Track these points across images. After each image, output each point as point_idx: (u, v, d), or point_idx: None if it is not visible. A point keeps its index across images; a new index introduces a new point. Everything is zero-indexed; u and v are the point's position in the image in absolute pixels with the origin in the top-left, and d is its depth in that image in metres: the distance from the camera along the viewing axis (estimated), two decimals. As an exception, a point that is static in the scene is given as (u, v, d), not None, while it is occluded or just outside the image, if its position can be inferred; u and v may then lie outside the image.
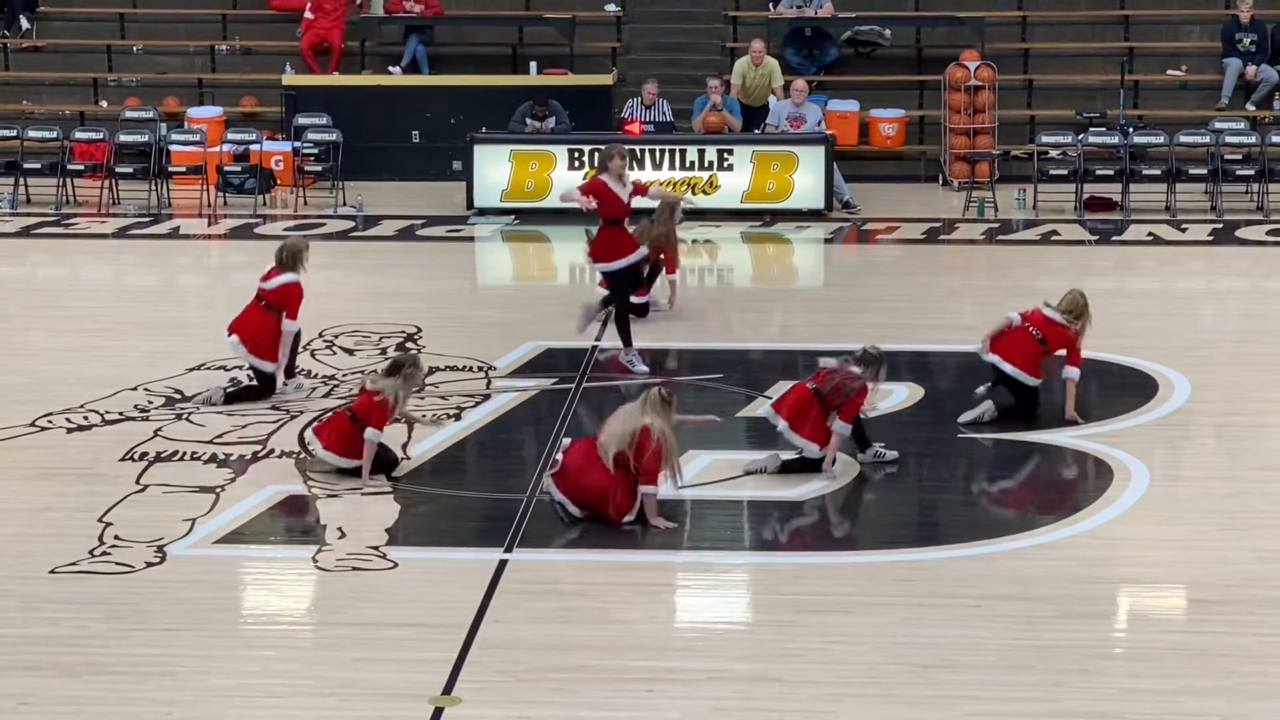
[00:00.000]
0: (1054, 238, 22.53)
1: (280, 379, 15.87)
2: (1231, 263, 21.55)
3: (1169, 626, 11.70)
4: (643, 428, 12.69)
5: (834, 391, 13.85)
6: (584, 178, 17.73)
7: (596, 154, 20.93)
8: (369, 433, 13.67)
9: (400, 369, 13.88)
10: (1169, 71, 26.44)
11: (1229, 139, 23.90)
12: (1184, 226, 22.88)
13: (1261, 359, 16.64)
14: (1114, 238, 22.52)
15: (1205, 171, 23.80)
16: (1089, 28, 27.05)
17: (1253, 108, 25.43)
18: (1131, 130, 24.09)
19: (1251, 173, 23.77)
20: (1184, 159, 23.93)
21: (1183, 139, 23.94)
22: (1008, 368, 15.06)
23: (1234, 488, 13.92)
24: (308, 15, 26.69)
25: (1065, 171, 23.89)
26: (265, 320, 15.87)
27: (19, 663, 11.02)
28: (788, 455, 14.16)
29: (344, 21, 26.67)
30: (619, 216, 16.91)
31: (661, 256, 18.47)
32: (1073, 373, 15.13)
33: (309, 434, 14.43)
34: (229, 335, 15.87)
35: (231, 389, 15.91)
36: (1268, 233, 22.54)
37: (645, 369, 16.55)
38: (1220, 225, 22.89)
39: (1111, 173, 23.84)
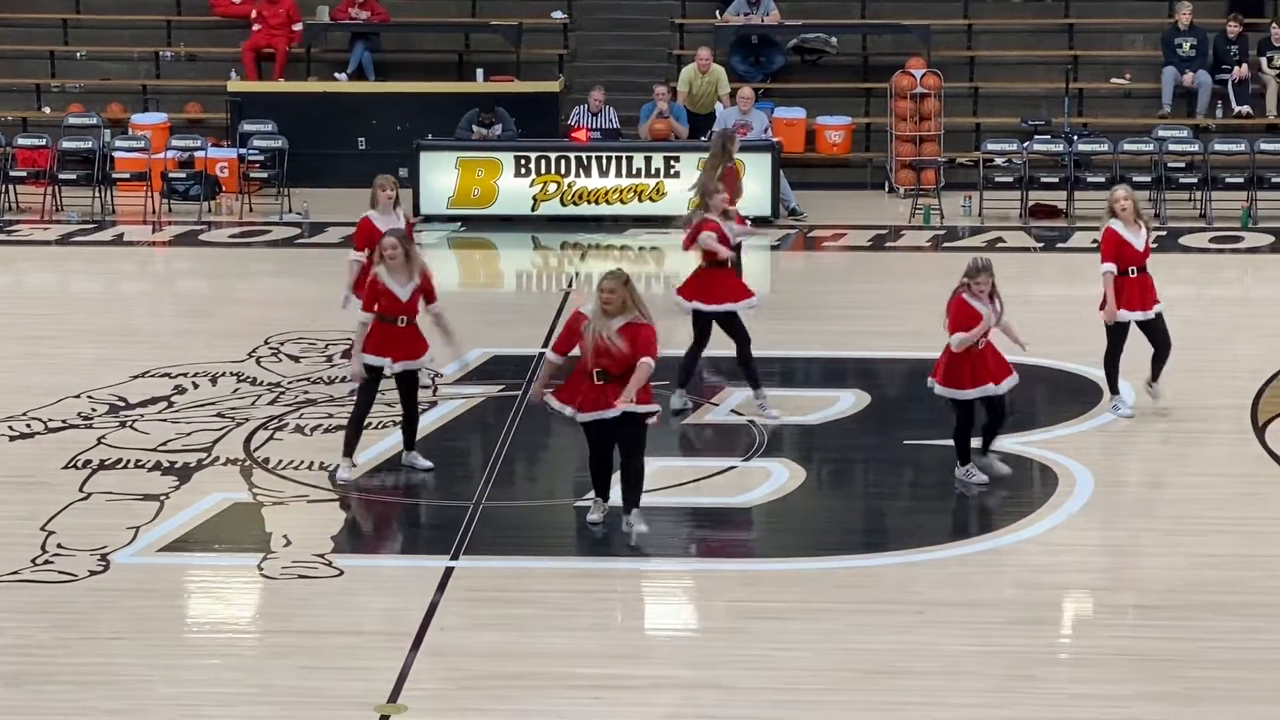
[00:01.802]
0: (999, 245, 22.61)
1: None
2: (1175, 270, 21.61)
3: (1114, 632, 11.73)
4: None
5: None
6: (688, 222, 16.09)
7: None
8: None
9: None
10: (1113, 80, 26.56)
11: (1172, 147, 24.02)
12: (1128, 234, 22.98)
13: (1204, 366, 16.71)
14: (1059, 245, 22.62)
15: (1149, 179, 23.90)
16: (1034, 36, 27.16)
17: (1202, 116, 25.54)
18: (1076, 138, 24.19)
19: (1195, 180, 23.91)
20: (1128, 166, 24.04)
21: (1126, 147, 24.06)
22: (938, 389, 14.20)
23: (1178, 493, 14.00)
24: (253, 15, 26.62)
25: (1010, 179, 23.99)
26: None
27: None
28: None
29: (289, 29, 26.58)
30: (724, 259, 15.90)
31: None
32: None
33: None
34: None
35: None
36: (1210, 240, 22.67)
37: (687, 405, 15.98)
38: (1164, 232, 22.98)
39: (1056, 180, 23.94)
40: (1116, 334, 15.43)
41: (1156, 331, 15.45)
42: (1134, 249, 15.27)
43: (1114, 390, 15.59)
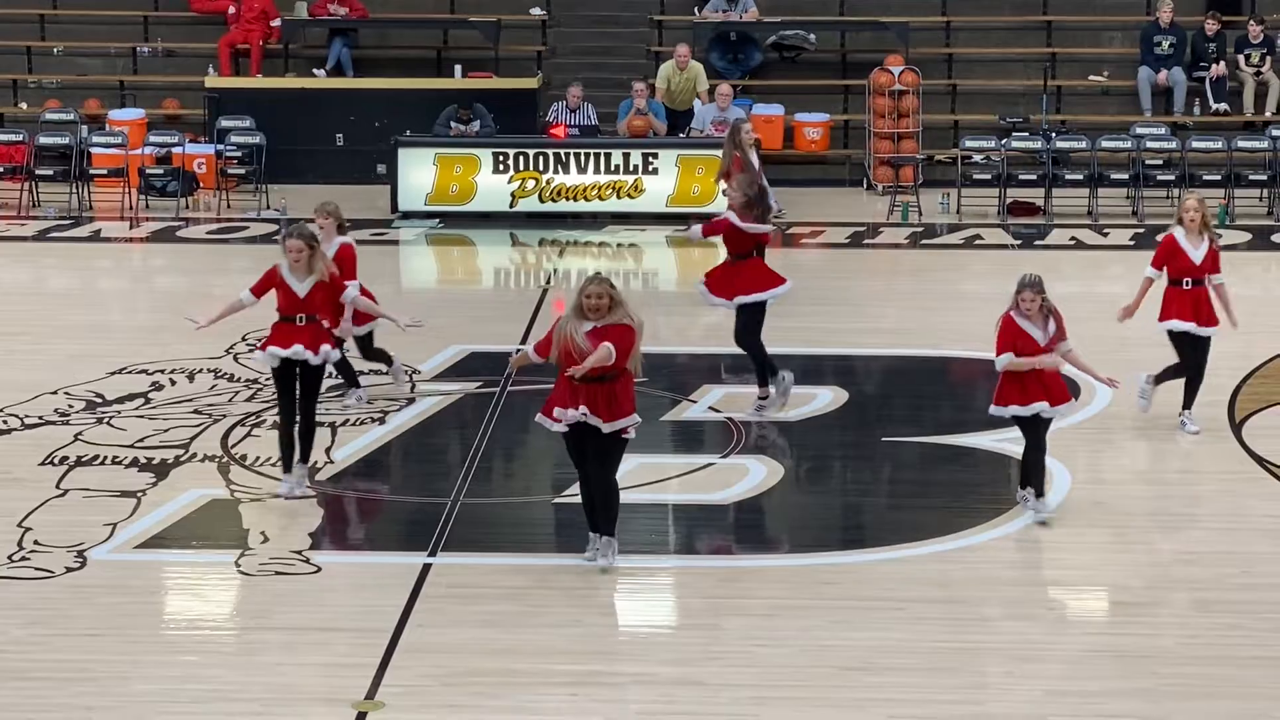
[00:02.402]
0: (977, 242, 22.65)
1: None
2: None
3: (1091, 628, 11.77)
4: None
5: None
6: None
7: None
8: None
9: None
10: (1091, 77, 26.61)
11: (1150, 144, 24.08)
12: (1106, 231, 23.05)
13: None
14: (1037, 242, 22.66)
15: (1127, 176, 23.96)
16: (1012, 33, 27.20)
17: (1180, 114, 25.58)
18: (1054, 135, 24.24)
19: (1172, 178, 23.96)
20: (1106, 164, 24.09)
21: (1105, 144, 24.10)
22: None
23: (1155, 490, 14.04)
24: (231, 11, 26.61)
25: (989, 176, 24.02)
26: None
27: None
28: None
29: (266, 25, 26.53)
30: (745, 250, 15.70)
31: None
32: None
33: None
34: None
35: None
36: (1189, 237, 22.70)
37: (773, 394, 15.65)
38: (1142, 230, 23.05)
39: (1034, 177, 23.99)
40: (1177, 348, 15.13)
41: (1197, 352, 15.03)
42: (1190, 260, 14.92)
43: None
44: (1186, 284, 14.92)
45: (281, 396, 13.54)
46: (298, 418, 13.55)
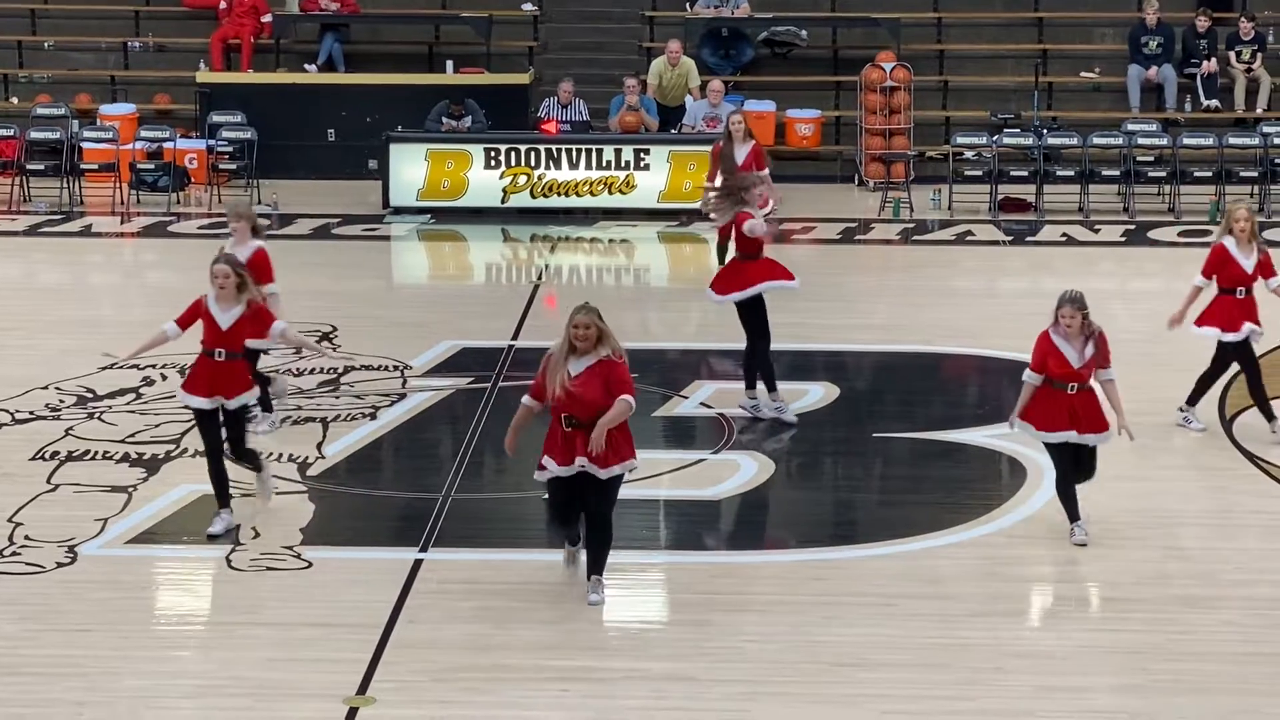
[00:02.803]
0: (969, 238, 22.66)
1: None
2: (1143, 264, 21.73)
3: (1081, 625, 11.77)
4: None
5: None
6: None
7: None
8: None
9: None
10: (1082, 74, 26.63)
11: (1141, 141, 24.09)
12: (1097, 227, 23.06)
13: (1172, 359, 16.73)
14: (1028, 238, 22.67)
15: (1118, 173, 23.98)
16: (1003, 30, 27.22)
17: (1172, 110, 25.59)
18: (1045, 132, 24.25)
19: (1163, 174, 23.98)
20: (1097, 160, 24.11)
21: (1096, 140, 24.12)
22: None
23: (1145, 487, 14.03)
24: (222, 7, 26.60)
25: (980, 172, 24.03)
26: None
27: None
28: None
29: (257, 20, 26.50)
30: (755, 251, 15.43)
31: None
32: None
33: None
34: None
35: None
36: (1179, 234, 22.73)
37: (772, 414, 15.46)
38: (1132, 226, 23.07)
39: (1026, 174, 23.99)
40: (1216, 359, 15.14)
41: (1246, 354, 15.00)
42: (1241, 269, 14.84)
43: (1268, 417, 15.00)
44: (1241, 293, 14.85)
45: (204, 435, 12.90)
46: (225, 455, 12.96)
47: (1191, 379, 15.26)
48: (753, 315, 15.35)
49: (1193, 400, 15.20)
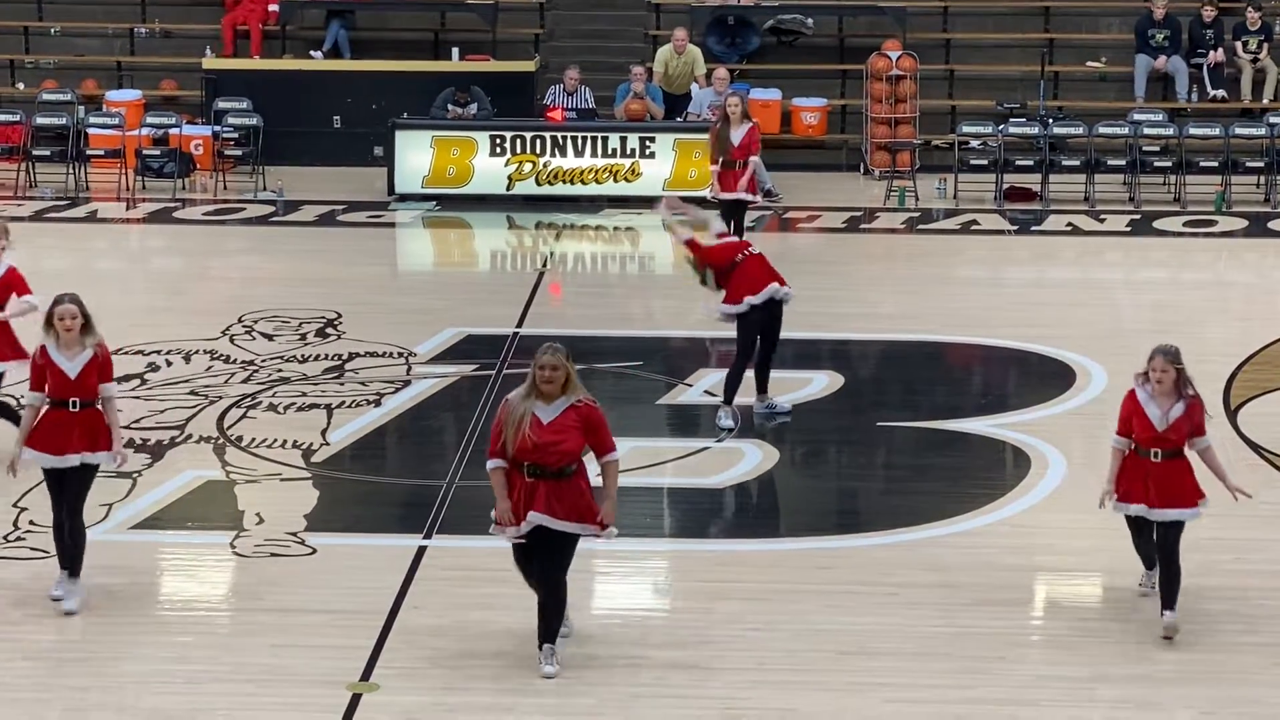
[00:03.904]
0: (974, 227, 22.65)
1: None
2: (1149, 253, 21.72)
3: (1084, 614, 11.78)
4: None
5: None
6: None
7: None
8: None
9: None
10: (1088, 63, 26.59)
11: (1147, 131, 24.05)
12: (1102, 217, 23.04)
13: (1181, 346, 16.79)
14: (1033, 228, 22.66)
15: (1124, 163, 23.96)
16: (1010, 19, 27.19)
17: (1182, 100, 25.54)
18: (1051, 121, 24.22)
19: (1169, 164, 23.94)
20: (1103, 150, 24.09)
21: (1102, 130, 24.09)
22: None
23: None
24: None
25: (985, 161, 24.00)
26: None
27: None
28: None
29: (264, 7, 26.50)
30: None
31: None
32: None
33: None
34: None
35: None
36: (1184, 224, 22.72)
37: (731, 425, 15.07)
38: (1138, 216, 23.06)
39: (1031, 163, 23.97)
40: None
41: None
42: None
43: None
44: None
45: (54, 495, 11.47)
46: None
47: (1203, 369, 15.21)
48: (758, 326, 15.10)
49: None
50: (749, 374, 15.20)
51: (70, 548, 11.39)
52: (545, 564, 10.49)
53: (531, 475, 10.32)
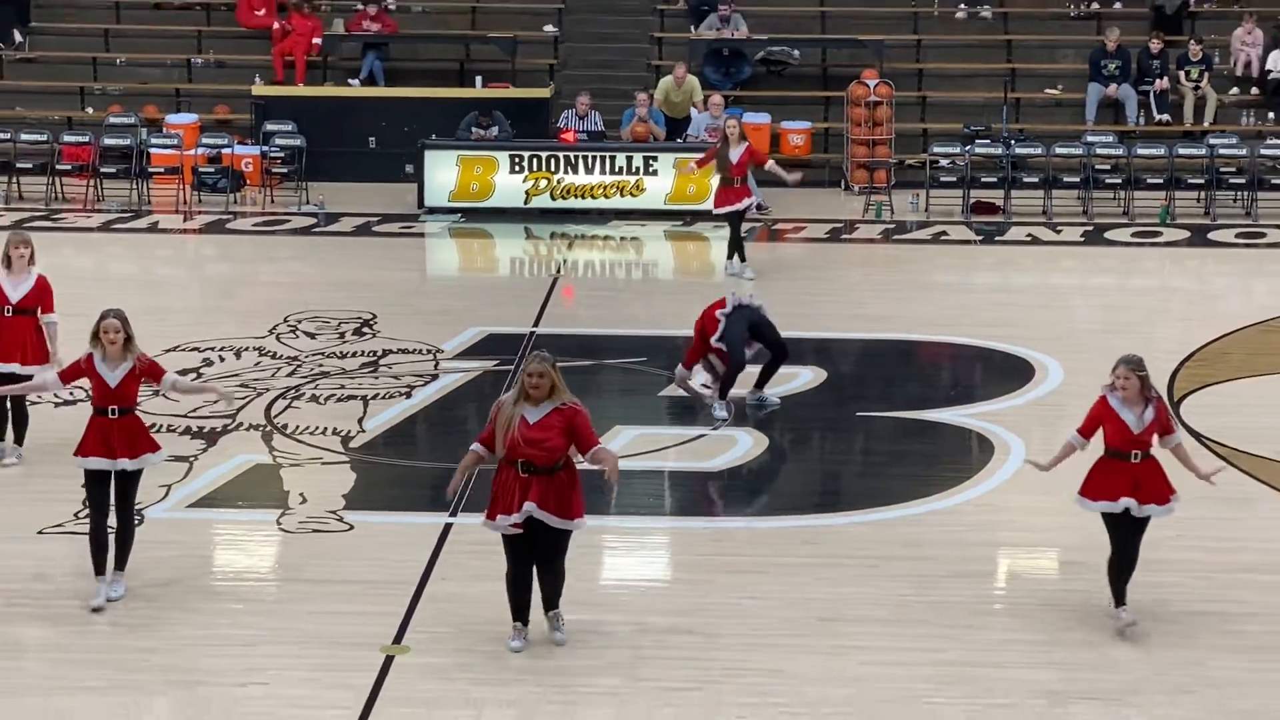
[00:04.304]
0: (943, 237, 22.62)
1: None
2: (1100, 261, 21.68)
3: (1043, 584, 11.77)
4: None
5: None
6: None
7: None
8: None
9: None
10: (1046, 90, 26.55)
11: (1099, 151, 24.03)
12: (1059, 228, 23.01)
13: (1126, 347, 16.62)
14: (997, 238, 22.62)
15: (1078, 180, 23.92)
16: (976, 50, 27.15)
17: (1132, 123, 25.49)
18: (1013, 142, 24.18)
19: (1119, 181, 23.91)
20: (1059, 168, 24.04)
21: (1058, 150, 24.05)
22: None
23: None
24: (276, 28, 26.57)
25: (954, 179, 23.98)
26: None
27: (14, 614, 10.95)
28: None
29: (309, 40, 26.48)
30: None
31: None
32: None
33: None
34: None
35: None
36: (1132, 235, 22.69)
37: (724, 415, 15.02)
38: (1091, 228, 23.02)
39: (995, 180, 23.93)
40: None
41: None
42: None
43: None
44: None
45: (94, 501, 11.20)
46: (111, 521, 11.21)
47: (1149, 365, 15.18)
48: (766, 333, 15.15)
49: None
50: (752, 367, 15.18)
51: (116, 547, 11.14)
52: (544, 551, 10.41)
53: (525, 471, 10.24)
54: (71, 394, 15.18)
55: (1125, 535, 10.68)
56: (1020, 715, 9.77)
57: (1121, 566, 10.71)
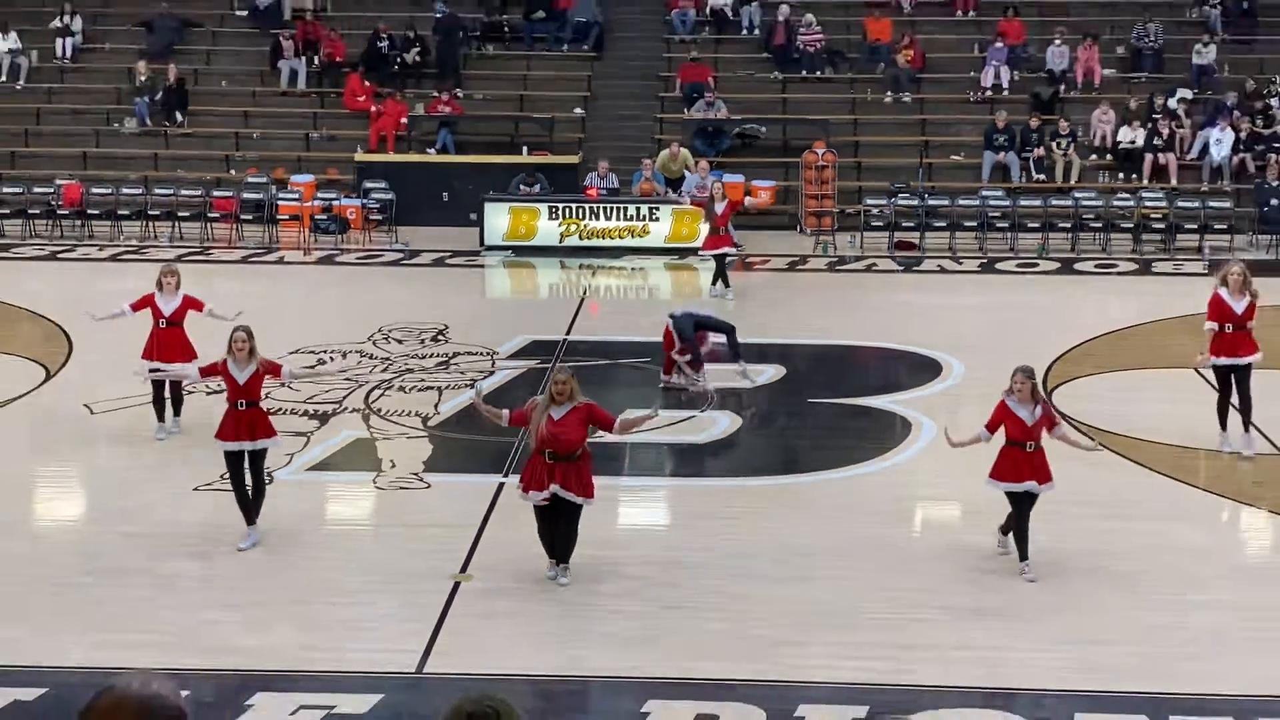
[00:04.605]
0: (874, 268, 22.58)
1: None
2: (992, 285, 21.64)
3: (952, 529, 11.77)
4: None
5: None
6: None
7: (577, 208, 20.09)
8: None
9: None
10: (951, 156, 26.47)
11: (991, 202, 23.99)
12: (961, 261, 22.97)
13: (1010, 350, 16.68)
14: (914, 268, 22.58)
15: (976, 224, 23.88)
16: (898, 126, 27.08)
17: (1017, 182, 25.46)
18: (926, 196, 24.15)
19: (1006, 225, 23.88)
20: (961, 216, 24.00)
21: (960, 202, 24.02)
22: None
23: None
24: (373, 110, 26.57)
25: (882, 223, 23.94)
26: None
27: (172, 553, 10.97)
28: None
29: (398, 120, 26.48)
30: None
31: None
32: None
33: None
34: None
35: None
36: (1016, 266, 22.64)
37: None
38: (985, 260, 22.98)
39: (913, 224, 23.91)
40: (1220, 378, 13.21)
41: (1242, 382, 12.99)
42: (1233, 311, 12.93)
43: (1222, 428, 13.20)
44: (1228, 328, 12.96)
45: (234, 472, 11.14)
46: (248, 484, 11.17)
47: (1029, 352, 15.22)
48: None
49: (1245, 427, 13.14)
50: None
51: (251, 504, 11.07)
52: (564, 520, 10.37)
53: (551, 459, 10.23)
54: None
55: (1023, 507, 10.56)
56: (933, 627, 9.77)
57: (1022, 530, 10.59)
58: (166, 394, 13.76)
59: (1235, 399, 13.18)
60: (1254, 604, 10.16)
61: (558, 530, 10.40)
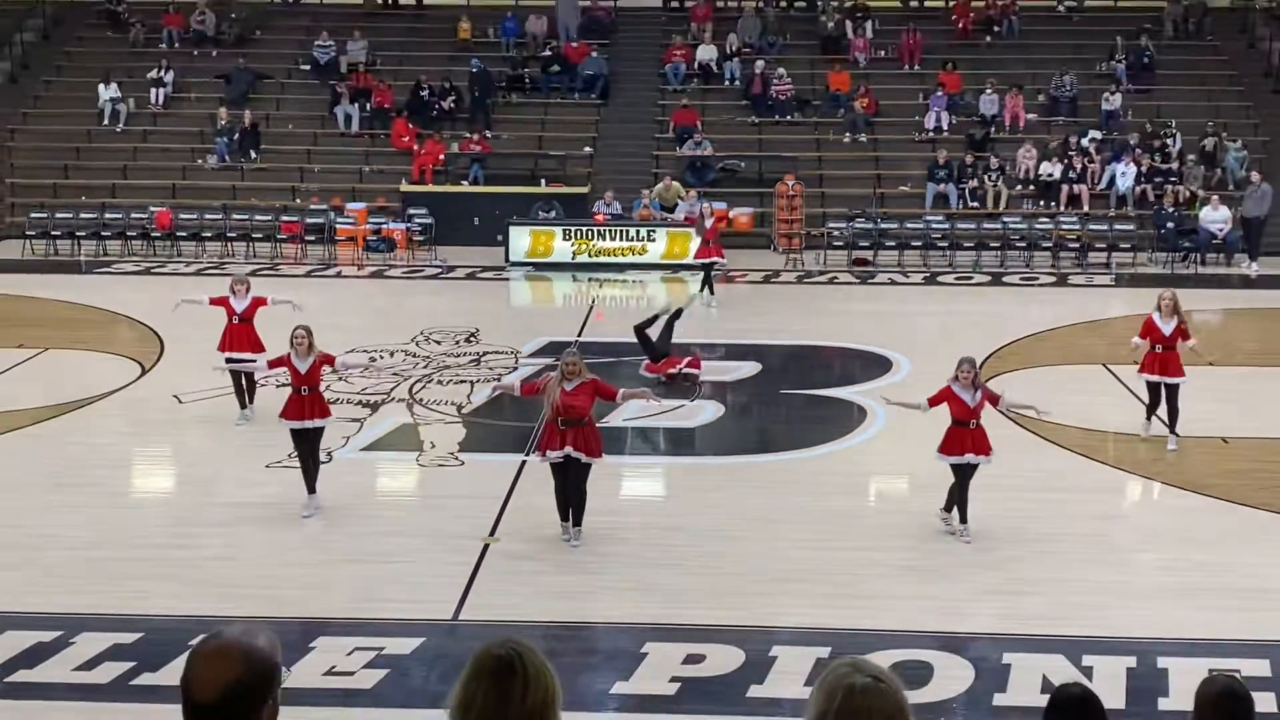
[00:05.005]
0: (836, 281, 22.54)
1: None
2: (934, 295, 21.61)
3: (902, 500, 11.75)
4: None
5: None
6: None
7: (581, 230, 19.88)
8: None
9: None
10: (900, 187, 26.40)
11: (934, 226, 23.97)
12: (908, 275, 22.93)
13: (952, 349, 16.57)
14: (869, 281, 22.55)
15: (920, 244, 23.85)
16: (855, 162, 27.03)
17: (954, 209, 25.41)
18: (879, 220, 24.11)
19: (946, 245, 23.86)
20: (908, 237, 23.96)
21: (907, 225, 23.99)
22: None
23: (932, 419, 13.90)
24: (416, 149, 26.52)
25: (842, 243, 23.91)
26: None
27: (242, 518, 10.95)
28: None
29: (437, 157, 26.43)
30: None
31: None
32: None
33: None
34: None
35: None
36: (955, 279, 22.63)
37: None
38: (928, 274, 22.94)
39: (868, 245, 23.87)
40: (1150, 392, 12.84)
41: (1171, 399, 12.58)
42: (1161, 333, 12.54)
43: (1147, 419, 12.95)
44: (1158, 348, 12.60)
45: (299, 446, 11.12)
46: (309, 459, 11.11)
47: (967, 351, 15.22)
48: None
49: (1172, 429, 12.77)
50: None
51: (311, 471, 11.02)
52: (575, 478, 10.32)
53: (564, 425, 10.21)
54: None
55: (965, 478, 10.50)
56: (885, 581, 9.76)
57: (962, 497, 10.53)
58: (244, 384, 13.75)
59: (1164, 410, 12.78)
60: (1153, 563, 10.15)
61: (570, 486, 10.33)
